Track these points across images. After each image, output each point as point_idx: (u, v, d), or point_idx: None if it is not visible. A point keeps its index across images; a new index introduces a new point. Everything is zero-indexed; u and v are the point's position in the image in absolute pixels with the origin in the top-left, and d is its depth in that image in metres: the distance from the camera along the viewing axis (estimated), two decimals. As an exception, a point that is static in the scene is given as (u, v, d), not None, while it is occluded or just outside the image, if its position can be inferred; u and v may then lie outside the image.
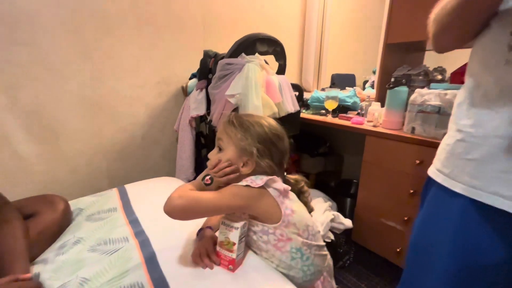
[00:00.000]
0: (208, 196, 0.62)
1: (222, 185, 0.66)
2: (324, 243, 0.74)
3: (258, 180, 0.63)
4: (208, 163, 0.70)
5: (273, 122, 0.73)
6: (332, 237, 1.42)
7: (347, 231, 1.49)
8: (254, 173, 0.67)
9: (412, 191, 1.21)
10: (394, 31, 1.41)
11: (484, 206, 0.54)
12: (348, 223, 1.40)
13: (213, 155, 0.71)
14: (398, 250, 1.32)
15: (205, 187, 0.65)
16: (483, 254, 0.56)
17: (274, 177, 0.67)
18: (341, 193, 1.82)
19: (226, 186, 0.65)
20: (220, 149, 0.70)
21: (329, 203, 1.59)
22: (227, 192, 0.63)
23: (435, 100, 1.10)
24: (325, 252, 0.74)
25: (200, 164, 1.63)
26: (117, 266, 0.65)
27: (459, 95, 0.63)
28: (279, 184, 0.66)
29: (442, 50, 0.63)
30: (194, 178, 1.54)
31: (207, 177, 0.65)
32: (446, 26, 0.58)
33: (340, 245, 1.53)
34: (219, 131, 0.73)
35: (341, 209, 1.63)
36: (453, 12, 0.55)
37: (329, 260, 0.78)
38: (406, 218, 1.27)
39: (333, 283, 0.78)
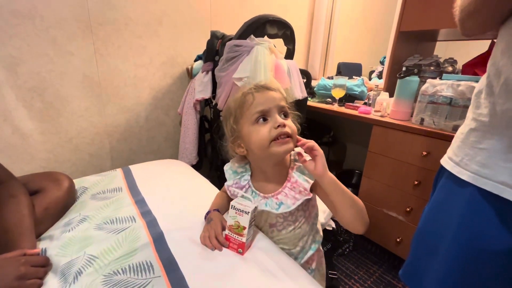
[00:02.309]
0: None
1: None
2: None
3: None
4: (288, 130, 0.61)
5: None
6: (333, 225, 1.43)
7: (348, 220, 1.50)
8: None
9: (416, 182, 1.21)
10: (408, 19, 1.37)
11: (491, 195, 0.55)
12: (350, 212, 1.40)
13: (288, 122, 0.62)
14: (398, 240, 1.33)
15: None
16: (487, 242, 0.57)
17: None
18: (342, 183, 1.82)
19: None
20: (285, 116, 0.63)
21: (331, 191, 1.59)
22: None
23: (447, 91, 1.08)
24: None
25: (203, 148, 1.62)
26: (124, 245, 0.64)
27: (479, 84, 0.62)
28: None
29: (469, 35, 0.61)
30: (197, 163, 1.55)
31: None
32: (470, 12, 0.57)
33: (341, 234, 1.55)
34: (280, 97, 0.64)
35: (342, 198, 1.64)
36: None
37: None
38: (408, 209, 1.27)
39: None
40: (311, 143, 0.59)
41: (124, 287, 0.53)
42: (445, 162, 0.67)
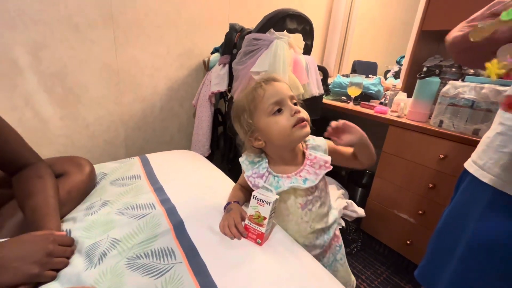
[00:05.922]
0: None
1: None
2: None
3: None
4: (304, 115, 0.65)
5: None
6: (343, 223, 1.43)
7: (357, 220, 1.49)
8: None
9: (431, 185, 1.20)
10: (431, 18, 1.34)
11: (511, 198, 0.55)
12: (361, 211, 1.40)
13: (300, 109, 0.67)
14: (408, 242, 1.32)
15: None
16: (504, 245, 0.57)
17: None
18: (352, 183, 1.82)
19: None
20: (295, 104, 0.66)
21: (342, 191, 1.59)
22: None
23: (469, 94, 1.06)
24: None
25: (215, 141, 1.63)
26: (145, 230, 0.66)
27: (511, 88, 0.62)
28: None
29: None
30: (209, 155, 1.56)
31: None
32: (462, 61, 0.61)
33: (350, 233, 1.54)
34: (287, 87, 0.68)
35: (351, 199, 1.64)
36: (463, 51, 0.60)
37: None
38: (421, 212, 1.26)
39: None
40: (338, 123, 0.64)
41: (148, 271, 0.54)
42: (468, 165, 0.67)
